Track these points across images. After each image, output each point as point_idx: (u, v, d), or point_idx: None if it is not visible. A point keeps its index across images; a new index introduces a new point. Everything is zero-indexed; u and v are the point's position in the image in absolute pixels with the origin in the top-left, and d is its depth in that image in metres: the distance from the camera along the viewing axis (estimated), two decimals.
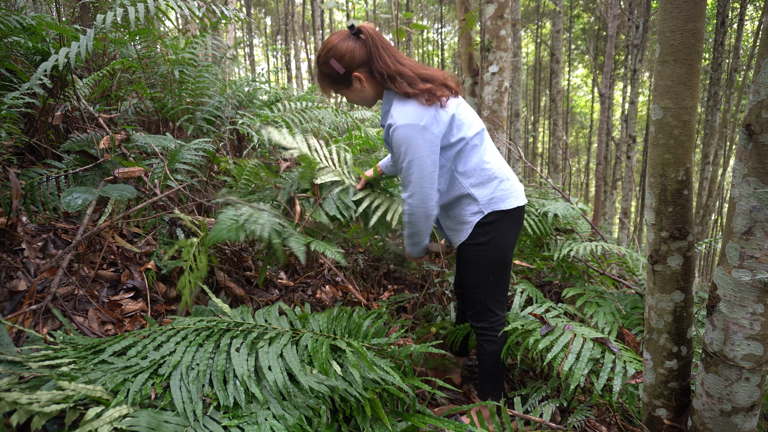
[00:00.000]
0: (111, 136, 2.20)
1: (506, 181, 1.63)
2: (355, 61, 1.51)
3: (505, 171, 1.66)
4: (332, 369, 1.35)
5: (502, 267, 1.70)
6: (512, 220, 1.66)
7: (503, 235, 1.65)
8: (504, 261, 1.69)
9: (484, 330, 1.76)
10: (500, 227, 1.63)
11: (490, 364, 1.76)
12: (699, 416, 1.24)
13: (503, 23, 3.28)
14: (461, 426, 1.39)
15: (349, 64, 1.52)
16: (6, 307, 1.64)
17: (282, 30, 15.67)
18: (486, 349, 1.76)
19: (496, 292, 1.73)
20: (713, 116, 9.04)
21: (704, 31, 1.16)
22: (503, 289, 1.74)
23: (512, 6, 8.06)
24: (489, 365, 1.77)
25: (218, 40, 3.29)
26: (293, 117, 3.07)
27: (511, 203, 1.63)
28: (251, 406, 1.25)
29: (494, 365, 1.76)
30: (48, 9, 4.24)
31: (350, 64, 1.52)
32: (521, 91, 12.58)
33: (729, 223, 1.09)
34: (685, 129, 1.19)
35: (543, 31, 16.74)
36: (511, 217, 1.65)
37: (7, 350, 1.21)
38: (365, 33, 1.51)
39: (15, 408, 1.00)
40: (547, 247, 2.75)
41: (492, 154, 1.65)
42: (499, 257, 1.67)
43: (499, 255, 1.67)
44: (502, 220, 1.63)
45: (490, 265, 1.67)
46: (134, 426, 1.08)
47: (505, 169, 1.66)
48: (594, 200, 10.94)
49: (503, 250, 1.67)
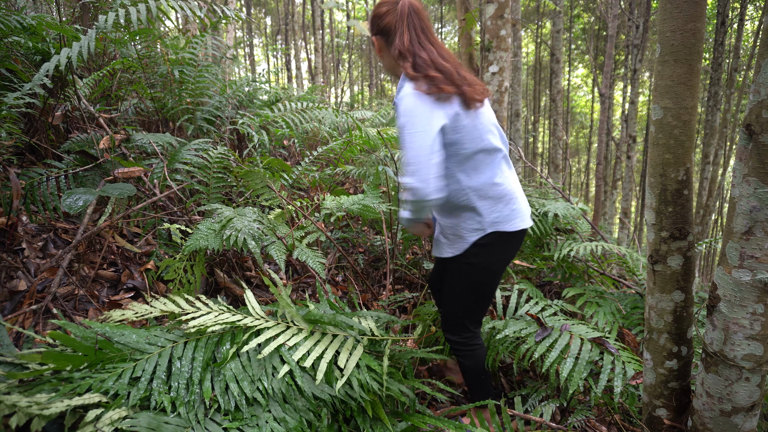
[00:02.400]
0: (111, 136, 2.20)
1: (516, 201, 1.54)
2: (376, 27, 1.52)
3: (518, 192, 1.57)
4: (334, 375, 1.35)
5: (488, 289, 1.60)
6: (512, 244, 1.56)
7: (498, 259, 1.56)
8: (491, 284, 1.59)
9: (458, 345, 1.67)
10: (497, 250, 1.54)
11: (472, 377, 1.68)
12: (699, 416, 1.24)
13: (503, 23, 3.28)
14: (461, 426, 1.39)
15: (372, 27, 1.55)
16: (6, 307, 1.64)
17: (282, 30, 15.68)
18: (464, 364, 1.67)
19: (475, 311, 1.64)
20: (713, 116, 9.04)
21: (704, 31, 1.16)
22: (483, 307, 1.64)
23: (512, 6, 8.06)
24: (471, 378, 1.68)
25: (218, 40, 3.29)
26: (293, 117, 3.07)
27: (516, 225, 1.53)
28: (252, 409, 1.25)
29: (477, 377, 1.68)
30: (48, 9, 4.24)
31: (372, 27, 1.54)
32: (521, 91, 12.58)
33: (729, 223, 1.09)
34: (685, 129, 1.19)
35: (543, 31, 16.74)
36: (513, 240, 1.55)
37: (7, 351, 1.20)
38: (400, 5, 1.48)
39: (14, 410, 1.00)
40: (547, 247, 2.75)
41: (508, 172, 1.56)
42: (488, 282, 1.58)
43: (488, 279, 1.57)
44: (502, 243, 1.53)
45: (476, 287, 1.58)
46: (134, 427, 1.08)
47: (517, 190, 1.57)
48: (594, 200, 10.94)
49: (493, 274, 1.57)
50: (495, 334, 1.84)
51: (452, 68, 1.46)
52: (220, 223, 1.80)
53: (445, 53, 1.50)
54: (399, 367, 1.69)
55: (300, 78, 15.15)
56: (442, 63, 1.45)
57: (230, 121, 3.21)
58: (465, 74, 1.48)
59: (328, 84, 12.75)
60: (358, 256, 2.87)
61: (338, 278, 2.72)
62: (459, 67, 1.49)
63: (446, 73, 1.43)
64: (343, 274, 2.75)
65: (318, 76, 11.26)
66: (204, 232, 1.75)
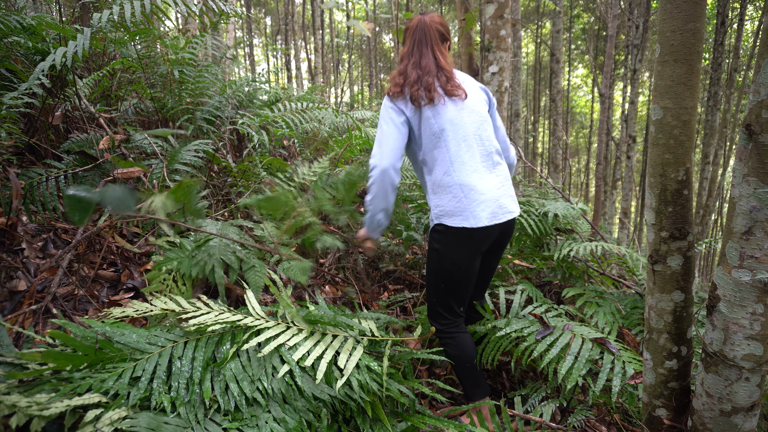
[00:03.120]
0: (111, 137, 2.20)
1: (463, 199, 1.59)
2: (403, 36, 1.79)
3: (472, 187, 1.60)
4: (334, 376, 1.35)
5: (453, 280, 1.67)
6: (455, 240, 1.61)
7: (453, 251, 1.63)
8: (458, 277, 1.66)
9: (439, 332, 1.73)
10: (449, 241, 1.62)
11: (458, 367, 1.72)
12: (699, 416, 1.24)
13: (503, 23, 3.28)
14: (461, 426, 1.39)
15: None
16: (6, 307, 1.64)
17: (282, 30, 15.67)
18: (448, 352, 1.73)
19: (446, 299, 1.70)
20: (713, 116, 9.04)
21: (704, 31, 1.16)
22: (455, 298, 1.71)
23: (512, 6, 8.06)
24: (457, 368, 1.73)
25: (218, 40, 3.29)
26: (293, 117, 3.07)
27: (456, 222, 1.59)
28: (252, 409, 1.25)
29: (462, 367, 1.72)
30: (48, 9, 4.24)
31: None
32: (521, 91, 12.58)
33: (729, 223, 1.09)
34: (685, 129, 1.19)
35: (543, 31, 16.74)
36: (456, 236, 1.61)
37: (7, 351, 1.20)
38: (412, 21, 1.73)
39: (14, 410, 1.00)
40: (547, 247, 2.75)
41: (465, 165, 1.61)
42: (452, 270, 1.65)
43: (451, 268, 1.65)
44: (448, 236, 1.62)
45: (442, 273, 1.66)
46: (134, 427, 1.08)
47: (474, 185, 1.60)
48: (594, 200, 10.93)
49: (455, 264, 1.64)
50: (496, 332, 1.84)
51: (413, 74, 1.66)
52: (197, 243, 1.80)
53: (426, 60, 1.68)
54: (399, 368, 1.69)
55: (300, 78, 15.14)
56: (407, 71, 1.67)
57: (230, 121, 3.21)
58: (415, 72, 1.67)
59: (328, 84, 12.75)
60: (358, 256, 2.87)
61: (338, 278, 2.72)
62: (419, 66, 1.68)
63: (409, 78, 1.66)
64: (343, 274, 2.75)
65: (318, 76, 11.26)
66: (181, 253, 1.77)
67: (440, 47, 1.70)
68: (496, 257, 1.85)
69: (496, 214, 1.62)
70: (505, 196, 1.67)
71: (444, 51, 1.71)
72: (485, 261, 1.84)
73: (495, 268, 1.91)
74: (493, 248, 1.79)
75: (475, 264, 1.68)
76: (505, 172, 1.74)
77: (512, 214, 1.68)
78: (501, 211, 1.63)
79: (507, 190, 1.70)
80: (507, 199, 1.67)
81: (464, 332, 1.74)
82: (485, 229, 1.61)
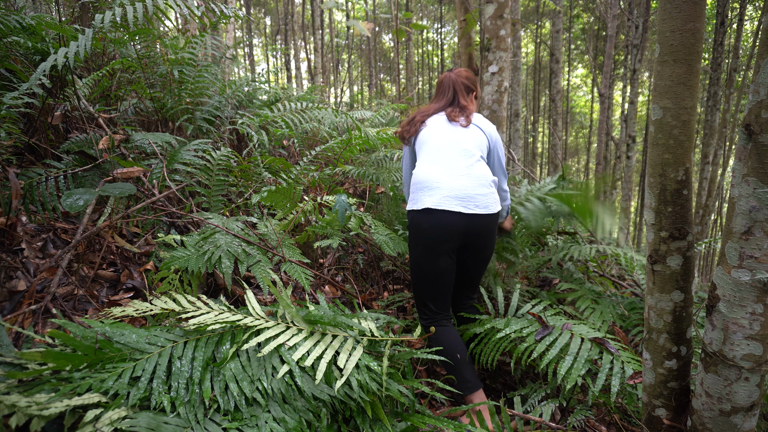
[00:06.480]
0: (110, 137, 2.20)
1: (426, 190, 1.75)
2: None
3: (428, 177, 1.77)
4: (333, 376, 1.35)
5: (420, 277, 1.80)
6: (413, 232, 1.78)
7: (413, 246, 1.79)
8: (424, 268, 1.78)
9: (422, 326, 1.85)
10: (410, 235, 1.80)
11: (444, 362, 1.78)
12: (698, 416, 1.24)
13: (503, 23, 3.28)
14: (461, 426, 1.39)
15: None
16: (6, 307, 1.64)
17: (282, 30, 15.67)
18: (430, 345, 1.84)
19: (419, 293, 1.83)
20: (713, 116, 9.04)
21: (704, 31, 1.16)
22: (428, 291, 1.81)
23: (512, 6, 8.06)
24: (444, 363, 1.79)
25: (218, 40, 3.29)
26: (293, 117, 3.07)
27: (416, 205, 1.76)
28: (252, 409, 1.25)
29: (447, 362, 1.77)
30: (48, 9, 4.24)
31: None
32: (521, 91, 12.57)
33: (729, 223, 1.09)
34: (684, 129, 1.19)
35: (543, 31, 16.73)
36: (412, 227, 1.77)
37: (7, 351, 1.20)
38: (440, 77, 2.05)
39: (14, 410, 1.00)
40: (547, 247, 2.74)
41: (431, 166, 1.79)
42: (421, 262, 1.79)
43: (420, 258, 1.78)
44: (410, 229, 1.79)
45: (412, 268, 1.83)
46: (134, 427, 1.08)
47: (430, 176, 1.77)
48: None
49: (415, 257, 1.80)
50: (495, 333, 1.84)
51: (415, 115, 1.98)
52: (202, 235, 1.82)
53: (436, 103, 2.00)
54: (398, 368, 1.69)
55: (300, 78, 15.13)
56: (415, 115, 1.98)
57: (230, 121, 3.21)
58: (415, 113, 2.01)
59: (327, 84, 12.74)
60: (358, 256, 2.87)
61: (338, 278, 2.72)
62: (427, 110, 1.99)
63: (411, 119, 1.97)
64: (342, 274, 2.75)
65: (317, 76, 11.26)
66: (187, 251, 1.78)
67: (464, 96, 1.96)
68: (475, 261, 1.87)
69: (449, 202, 1.70)
70: (471, 193, 1.73)
71: (468, 97, 1.98)
72: (462, 263, 1.87)
73: (477, 271, 1.92)
74: (467, 248, 1.82)
75: (439, 263, 1.74)
76: (481, 176, 1.78)
77: (480, 210, 1.72)
78: (461, 203, 1.71)
79: (476, 189, 1.74)
80: (475, 196, 1.74)
81: (446, 327, 1.82)
82: (435, 217, 1.70)
